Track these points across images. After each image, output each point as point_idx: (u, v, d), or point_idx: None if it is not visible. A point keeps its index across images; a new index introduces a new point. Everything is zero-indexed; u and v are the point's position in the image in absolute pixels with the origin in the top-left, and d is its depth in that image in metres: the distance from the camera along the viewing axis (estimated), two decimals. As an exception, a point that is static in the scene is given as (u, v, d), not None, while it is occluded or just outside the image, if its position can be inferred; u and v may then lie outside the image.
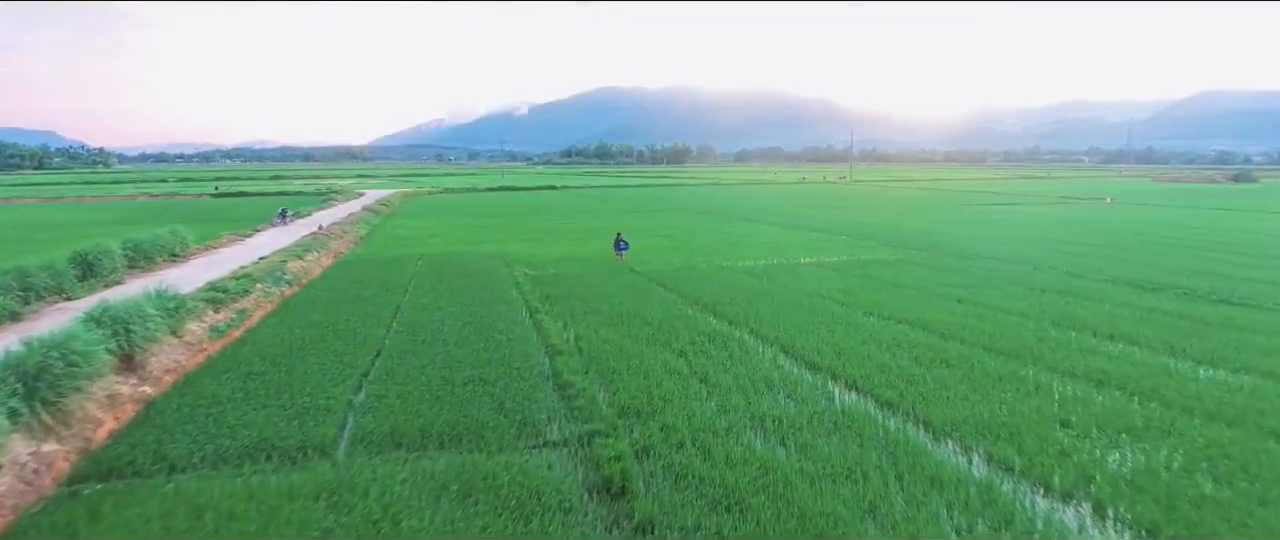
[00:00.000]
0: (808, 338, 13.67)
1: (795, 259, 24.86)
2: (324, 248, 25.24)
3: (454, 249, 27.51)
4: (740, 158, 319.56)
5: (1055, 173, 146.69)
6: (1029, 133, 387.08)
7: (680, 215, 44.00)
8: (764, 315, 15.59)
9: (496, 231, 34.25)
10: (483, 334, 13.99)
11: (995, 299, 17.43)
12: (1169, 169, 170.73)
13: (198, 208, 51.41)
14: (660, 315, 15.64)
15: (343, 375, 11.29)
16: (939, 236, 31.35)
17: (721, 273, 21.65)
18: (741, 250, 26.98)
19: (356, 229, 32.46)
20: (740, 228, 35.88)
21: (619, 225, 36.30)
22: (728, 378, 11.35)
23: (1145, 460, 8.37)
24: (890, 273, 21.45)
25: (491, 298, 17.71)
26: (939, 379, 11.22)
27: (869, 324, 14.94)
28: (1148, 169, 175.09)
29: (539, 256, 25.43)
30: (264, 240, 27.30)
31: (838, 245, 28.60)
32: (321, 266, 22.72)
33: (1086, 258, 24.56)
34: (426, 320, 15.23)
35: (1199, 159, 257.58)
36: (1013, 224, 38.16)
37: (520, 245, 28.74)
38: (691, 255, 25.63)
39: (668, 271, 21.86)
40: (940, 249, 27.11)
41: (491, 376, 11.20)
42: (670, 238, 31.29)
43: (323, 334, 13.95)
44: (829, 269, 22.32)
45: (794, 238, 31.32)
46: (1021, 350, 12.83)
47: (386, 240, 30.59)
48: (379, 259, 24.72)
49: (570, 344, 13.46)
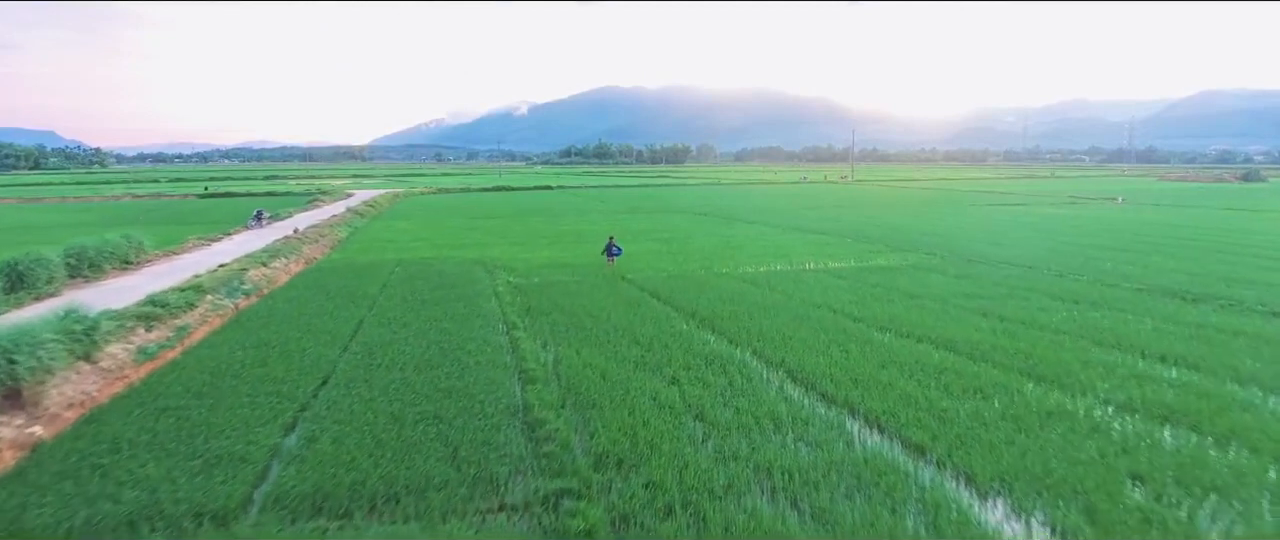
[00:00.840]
0: (818, 360, 12.01)
1: (799, 265, 23.20)
2: (295, 253, 23.58)
3: (436, 254, 25.85)
4: (740, 157, 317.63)
5: (1059, 172, 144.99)
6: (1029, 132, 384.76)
7: (678, 217, 42.34)
8: (768, 332, 13.93)
9: (484, 234, 32.59)
10: (449, 356, 12.32)
11: (1024, 312, 15.76)
12: (1175, 168, 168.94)
13: (178, 208, 49.74)
14: (652, 332, 13.98)
15: (275, 411, 9.62)
16: (950, 239, 29.68)
17: (720, 281, 19.99)
18: (742, 255, 25.32)
19: (336, 232, 30.79)
20: (740, 230, 34.22)
21: (614, 227, 34.62)
22: (727, 413, 9.69)
23: (1245, 530, 6.72)
24: (904, 281, 19.78)
25: (467, 311, 16.05)
26: (975, 414, 9.55)
27: (886, 343, 13.27)
28: (1150, 168, 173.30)
29: (525, 262, 23.77)
30: (233, 245, 25.64)
31: (844, 249, 26.94)
32: (289, 274, 21.05)
33: (1114, 263, 22.90)
34: (389, 338, 13.57)
35: (1200, 158, 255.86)
36: (1026, 226, 36.49)
37: (507, 249, 27.08)
38: (688, 261, 23.98)
39: (662, 280, 20.20)
40: (954, 253, 25.44)
41: (450, 412, 9.53)
42: (667, 241, 29.63)
43: (268, 356, 12.29)
44: (837, 276, 20.65)
45: (797, 241, 29.65)
46: (1065, 377, 11.16)
47: (366, 244, 28.92)
48: (353, 265, 23.05)
49: (547, 369, 11.79)
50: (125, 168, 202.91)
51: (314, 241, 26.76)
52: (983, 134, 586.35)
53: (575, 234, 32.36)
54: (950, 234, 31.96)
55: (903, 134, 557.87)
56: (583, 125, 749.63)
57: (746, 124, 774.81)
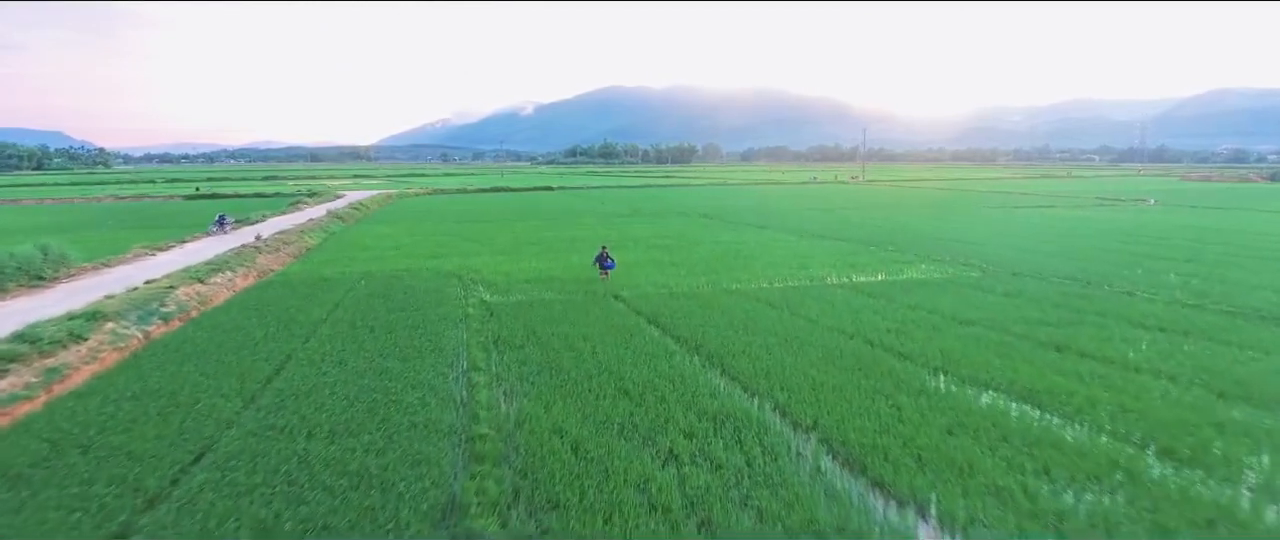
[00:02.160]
0: (863, 423, 9.10)
1: (820, 277, 20.27)
2: (247, 265, 20.78)
3: (410, 265, 23.01)
4: (746, 157, 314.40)
5: (1074, 172, 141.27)
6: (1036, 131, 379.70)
7: (682, 220, 39.40)
8: (792, 376, 11.01)
9: (470, 241, 29.75)
10: (380, 413, 9.46)
11: (1105, 344, 12.79)
12: (1195, 168, 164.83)
13: (155, 211, 47.07)
14: (646, 376, 11.08)
15: (100, 517, 6.77)
16: (984, 247, 26.66)
17: (730, 301, 17.06)
18: (754, 267, 22.39)
19: (305, 239, 27.96)
20: (750, 237, 31.25)
21: (612, 233, 31.75)
22: (746, 517, 6.81)
23: None
24: (947, 300, 16.81)
25: (423, 343, 13.18)
26: (1103, 517, 6.63)
27: (947, 394, 10.34)
28: (1166, 168, 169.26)
29: (507, 276, 20.92)
30: (180, 254, 22.86)
31: (869, 259, 23.96)
32: (231, 290, 18.24)
33: (1180, 277, 19.89)
34: (313, 384, 10.71)
35: (1212, 158, 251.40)
36: (1063, 231, 33.41)
37: (490, 259, 24.22)
38: (693, 274, 21.07)
39: (662, 299, 17.29)
40: (993, 264, 22.46)
41: (345, 521, 6.65)
42: (669, 249, 26.71)
43: (144, 413, 9.45)
44: (867, 294, 17.70)
45: (815, 249, 26.69)
46: (1200, 450, 8.23)
47: (335, 253, 26.09)
48: (311, 279, 20.23)
49: (504, 436, 8.91)
50: (129, 168, 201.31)
51: (274, 250, 23.93)
52: (988, 133, 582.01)
53: (568, 241, 29.50)
54: (983, 240, 28.93)
55: (907, 133, 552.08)
56: (588, 125, 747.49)
57: (752, 124, 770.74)
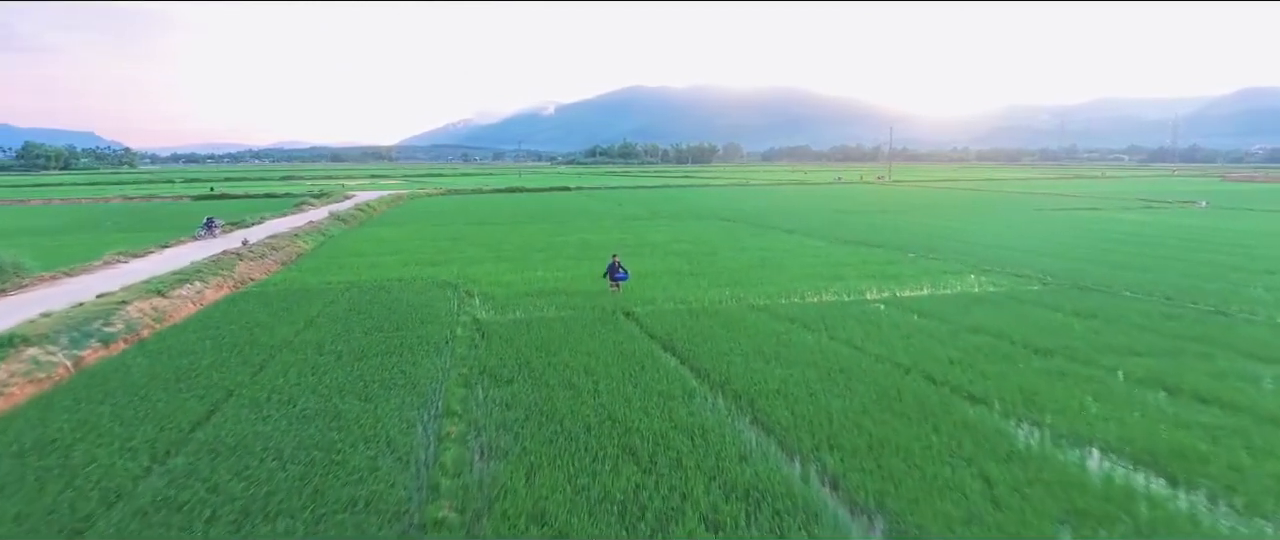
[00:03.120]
0: (947, 507, 6.83)
1: (859, 291, 17.94)
2: (226, 273, 18.94)
3: (404, 274, 21.05)
4: (767, 157, 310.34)
5: (1109, 172, 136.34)
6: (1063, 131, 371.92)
7: (703, 223, 37.12)
8: (843, 428, 8.76)
9: (475, 245, 27.77)
10: (311, 484, 7.37)
11: (1222, 384, 10.36)
12: (1234, 167, 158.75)
13: (156, 212, 45.79)
14: (659, 427, 8.90)
15: None
16: (1037, 255, 24.08)
17: (758, 320, 14.82)
18: (783, 277, 20.10)
19: (297, 244, 26.14)
20: (777, 242, 28.90)
21: (629, 237, 29.60)
22: None
23: None
24: (1012, 322, 14.40)
25: (393, 375, 11.11)
26: None
27: (1046, 458, 8.01)
28: (1203, 168, 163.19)
29: (509, 287, 18.85)
30: (156, 261, 21.10)
31: (911, 268, 21.55)
32: (199, 304, 16.37)
33: (1274, 292, 17.29)
34: (244, 436, 8.67)
35: (1247, 157, 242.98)
36: (1117, 236, 30.60)
37: (494, 268, 22.20)
38: (715, 285, 18.84)
39: (680, 318, 15.08)
40: (1054, 276, 19.94)
41: None
42: (689, 256, 24.48)
43: (14, 481, 7.47)
44: (917, 313, 15.34)
45: (849, 257, 24.30)
46: None
47: (327, 260, 24.21)
48: (290, 291, 18.31)
49: (468, 518, 6.77)
50: (154, 168, 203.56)
51: (260, 257, 22.09)
52: (1013, 133, 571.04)
53: (580, 246, 27.40)
54: (1033, 247, 26.31)
55: (930, 133, 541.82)
56: (608, 125, 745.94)
57: (772, 124, 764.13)
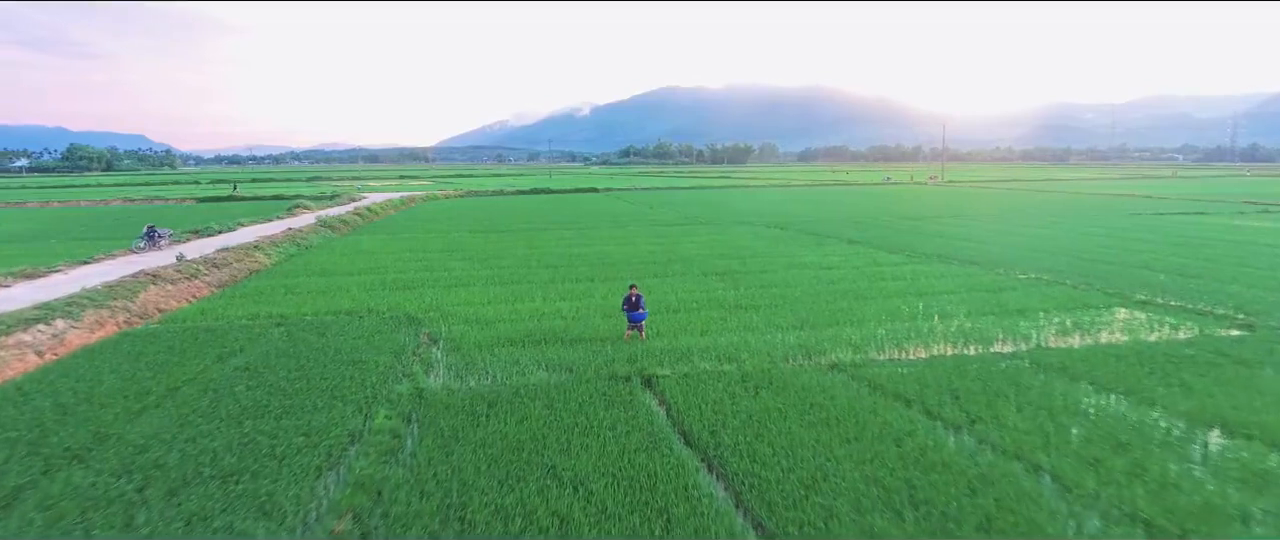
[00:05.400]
0: None
1: (980, 336, 12.46)
2: (120, 304, 14.31)
3: (363, 302, 16.19)
4: (803, 157, 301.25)
5: (1180, 172, 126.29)
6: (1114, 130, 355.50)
7: (747, 231, 31.72)
8: None
9: (470, 261, 22.87)
10: None
11: None
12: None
13: (138, 216, 41.85)
14: None
15: None
16: (1199, 280, 18.19)
17: (852, 397, 9.49)
18: (866, 310, 14.68)
19: (253, 259, 21.48)
20: (841, 255, 23.38)
21: (658, 246, 24.40)
22: None
23: None
24: (1247, 401, 8.83)
25: (223, 517, 6.12)
26: None
27: None
28: (1268, 167, 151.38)
29: (491, 326, 13.84)
30: (58, 282, 16.54)
31: (1033, 297, 15.90)
32: (57, 352, 11.71)
33: None
34: None
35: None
36: (1269, 250, 24.30)
37: (480, 292, 17.23)
38: (774, 324, 13.55)
39: (728, 390, 9.83)
40: (1254, 312, 14.17)
41: None
42: (734, 278, 19.17)
43: None
44: (1093, 384, 9.84)
45: (941, 279, 18.72)
46: None
47: (277, 281, 19.40)
48: (195, 331, 13.53)
49: None
50: (193, 169, 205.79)
51: (187, 278, 17.49)
52: (1055, 132, 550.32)
53: (598, 262, 22.28)
54: (1181, 267, 20.33)
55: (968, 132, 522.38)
56: (643, 126, 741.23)
57: (807, 124, 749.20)
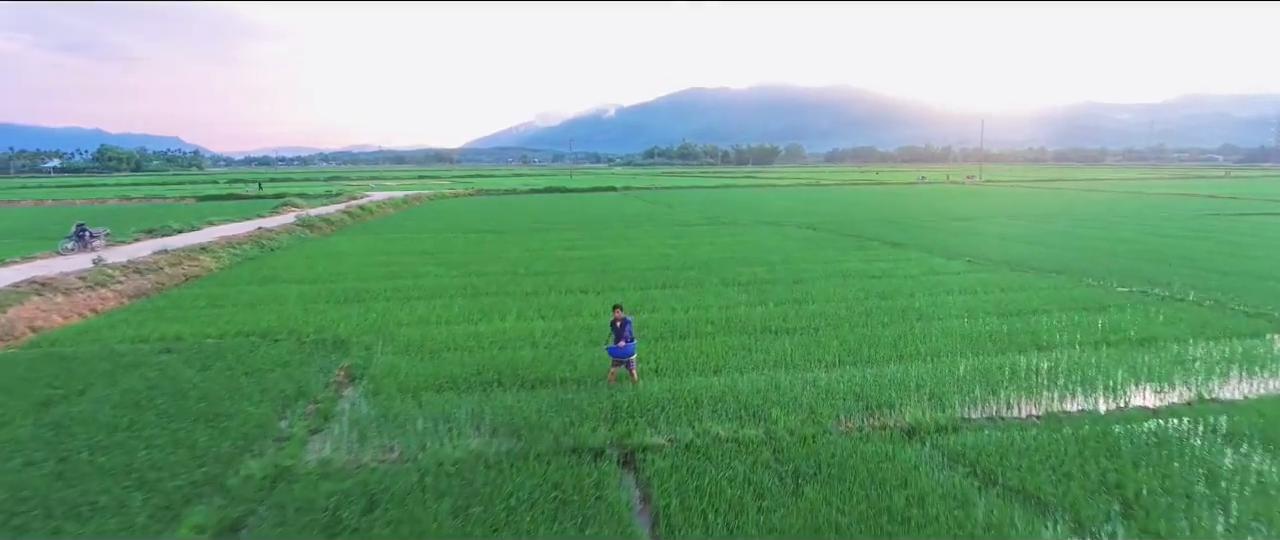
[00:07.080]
0: None
1: (1106, 379, 8.87)
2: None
3: (294, 320, 13.04)
4: (831, 158, 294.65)
5: (1234, 172, 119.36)
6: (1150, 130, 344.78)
7: (774, 232, 28.13)
8: None
9: (446, 267, 19.64)
10: None
11: None
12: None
13: (120, 214, 39.58)
14: None
15: None
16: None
17: (950, 491, 5.97)
18: (939, 337, 11.11)
19: (196, 262, 18.43)
20: (887, 262, 19.72)
21: (673, 249, 20.96)
22: None
23: None
24: None
25: None
26: None
27: None
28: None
29: (440, 354, 10.56)
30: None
31: (1150, 318, 12.18)
32: None
33: None
34: None
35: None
36: None
37: (444, 307, 13.97)
38: (813, 358, 10.07)
39: (751, 470, 6.38)
40: None
41: None
42: (759, 287, 15.66)
43: None
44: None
45: (1015, 291, 15.02)
46: None
47: (210, 290, 16.30)
48: (56, 360, 10.48)
49: None
50: (219, 170, 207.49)
51: (94, 287, 14.53)
52: (1087, 132, 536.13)
53: (597, 268, 18.90)
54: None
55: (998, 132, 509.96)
56: (670, 126, 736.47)
57: (834, 125, 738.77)
